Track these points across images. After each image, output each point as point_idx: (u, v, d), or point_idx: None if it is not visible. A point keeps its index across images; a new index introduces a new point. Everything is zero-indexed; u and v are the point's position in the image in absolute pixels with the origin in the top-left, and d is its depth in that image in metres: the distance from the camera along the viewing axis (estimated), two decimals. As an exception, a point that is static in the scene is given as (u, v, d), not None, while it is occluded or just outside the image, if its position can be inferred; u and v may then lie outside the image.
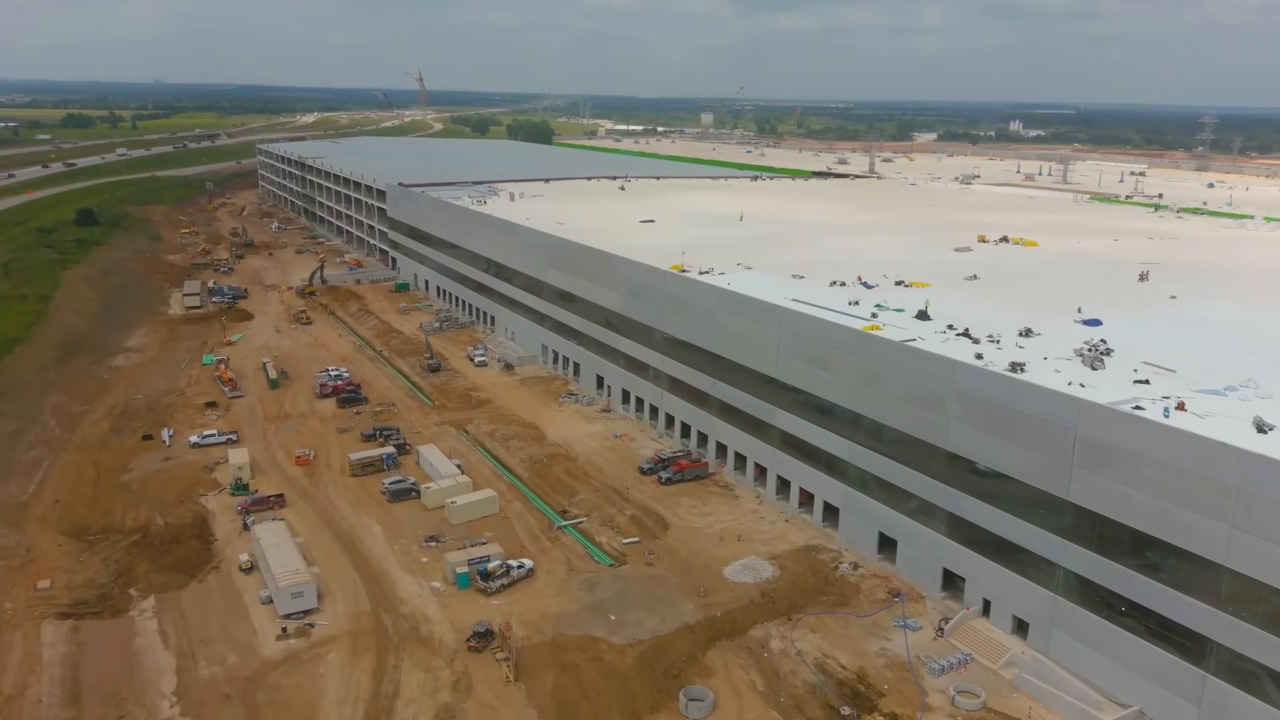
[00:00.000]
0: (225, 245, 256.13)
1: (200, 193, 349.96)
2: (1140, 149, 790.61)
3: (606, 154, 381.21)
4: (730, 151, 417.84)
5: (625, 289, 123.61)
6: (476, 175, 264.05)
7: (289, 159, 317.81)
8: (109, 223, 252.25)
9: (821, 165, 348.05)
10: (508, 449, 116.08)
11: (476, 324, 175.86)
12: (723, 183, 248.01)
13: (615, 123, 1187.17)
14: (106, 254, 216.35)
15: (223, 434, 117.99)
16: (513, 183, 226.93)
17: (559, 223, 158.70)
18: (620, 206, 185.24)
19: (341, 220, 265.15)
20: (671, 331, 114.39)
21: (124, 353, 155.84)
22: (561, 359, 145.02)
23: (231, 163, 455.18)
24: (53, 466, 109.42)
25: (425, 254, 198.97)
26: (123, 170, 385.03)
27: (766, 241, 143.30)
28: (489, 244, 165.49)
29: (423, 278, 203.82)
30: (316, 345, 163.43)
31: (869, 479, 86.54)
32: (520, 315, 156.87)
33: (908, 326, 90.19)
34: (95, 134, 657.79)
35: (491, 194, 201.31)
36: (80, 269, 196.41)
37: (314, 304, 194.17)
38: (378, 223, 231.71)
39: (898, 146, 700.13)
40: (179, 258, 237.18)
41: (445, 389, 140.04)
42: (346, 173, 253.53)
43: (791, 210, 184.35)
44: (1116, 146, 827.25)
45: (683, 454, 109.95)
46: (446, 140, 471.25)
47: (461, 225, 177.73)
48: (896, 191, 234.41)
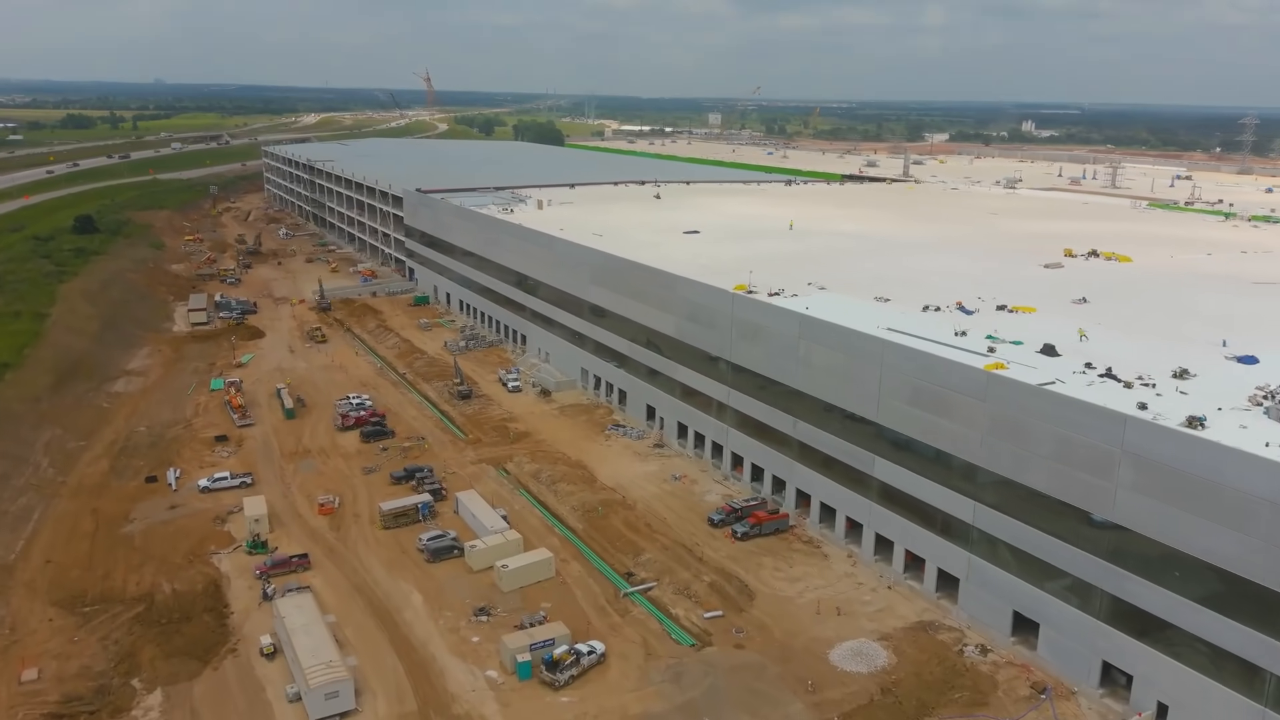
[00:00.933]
0: (232, 253, 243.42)
1: (204, 196, 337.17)
2: (1157, 150, 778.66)
3: (623, 156, 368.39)
4: (750, 154, 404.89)
5: (684, 311, 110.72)
6: (492, 179, 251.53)
7: (296, 162, 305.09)
8: (109, 230, 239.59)
9: (848, 167, 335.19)
10: (556, 493, 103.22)
11: (505, 342, 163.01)
12: (755, 188, 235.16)
13: (621, 123, 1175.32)
14: (106, 264, 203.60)
15: (235, 476, 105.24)
16: (536, 188, 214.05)
17: (596, 234, 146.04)
18: (657, 215, 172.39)
19: (353, 227, 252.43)
20: (741, 361, 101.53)
21: (125, 376, 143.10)
22: (604, 385, 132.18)
23: (236, 165, 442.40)
24: (45, 516, 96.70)
25: (447, 265, 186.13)
26: (123, 173, 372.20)
27: (827, 256, 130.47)
28: (520, 257, 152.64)
29: (443, 290, 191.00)
30: (334, 367, 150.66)
31: (1000, 548, 73.65)
32: (556, 335, 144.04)
33: (1036, 364, 77.35)
34: (96, 135, 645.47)
35: (516, 201, 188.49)
36: (78, 282, 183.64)
37: (328, 319, 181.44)
38: (393, 230, 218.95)
39: (918, 148, 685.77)
40: (183, 267, 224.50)
41: (478, 419, 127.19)
42: (359, 177, 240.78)
43: (839, 219, 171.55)
44: (1132, 147, 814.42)
45: (757, 502, 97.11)
46: (456, 142, 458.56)
47: (488, 236, 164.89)
48: (942, 197, 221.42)
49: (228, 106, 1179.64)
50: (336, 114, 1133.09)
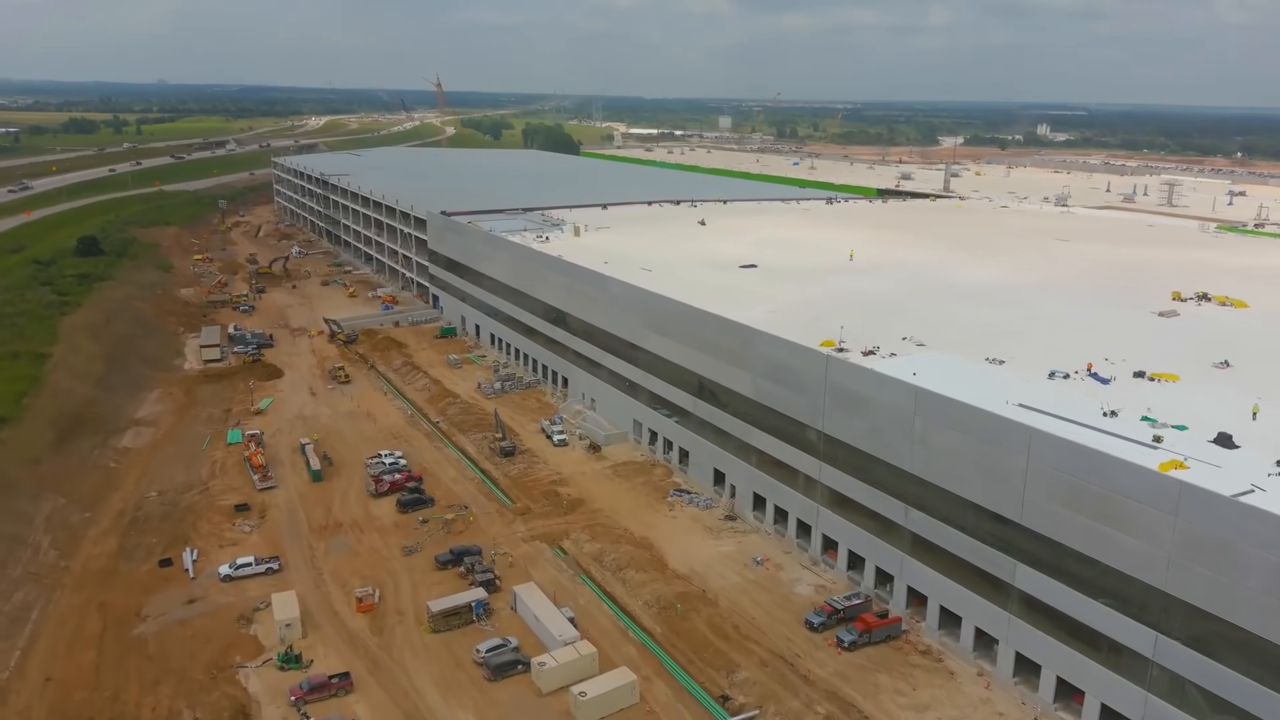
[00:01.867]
0: (243, 275, 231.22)
1: (212, 210, 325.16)
2: (1177, 154, 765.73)
3: (645, 167, 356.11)
4: (775, 164, 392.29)
5: (763, 370, 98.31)
6: (515, 196, 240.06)
7: (309, 175, 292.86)
8: (114, 251, 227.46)
9: (880, 179, 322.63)
10: (624, 583, 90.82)
11: (543, 383, 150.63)
12: (795, 206, 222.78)
13: (628, 125, 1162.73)
14: (111, 292, 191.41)
15: (260, 561, 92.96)
16: (566, 209, 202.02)
17: (645, 269, 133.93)
18: (704, 243, 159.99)
19: (370, 247, 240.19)
20: (837, 434, 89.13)
21: (133, 428, 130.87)
22: (662, 441, 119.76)
23: (244, 174, 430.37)
24: (45, 616, 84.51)
25: (477, 296, 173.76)
26: (128, 184, 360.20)
27: (906, 298, 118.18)
28: (563, 293, 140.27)
29: (472, 321, 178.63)
30: (360, 414, 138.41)
31: (1190, 691, 61.23)
32: (604, 381, 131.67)
33: (1216, 459, 65.08)
34: (100, 140, 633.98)
35: (550, 226, 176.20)
36: (82, 314, 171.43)
37: (350, 354, 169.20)
38: (415, 254, 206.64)
39: (937, 153, 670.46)
40: (193, 292, 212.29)
41: (525, 482, 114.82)
42: (377, 195, 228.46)
43: (897, 245, 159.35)
44: (1152, 152, 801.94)
45: (861, 600, 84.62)
46: (470, 152, 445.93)
47: (526, 268, 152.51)
48: (995, 218, 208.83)
49: (232, 109, 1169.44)
50: (341, 116, 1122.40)
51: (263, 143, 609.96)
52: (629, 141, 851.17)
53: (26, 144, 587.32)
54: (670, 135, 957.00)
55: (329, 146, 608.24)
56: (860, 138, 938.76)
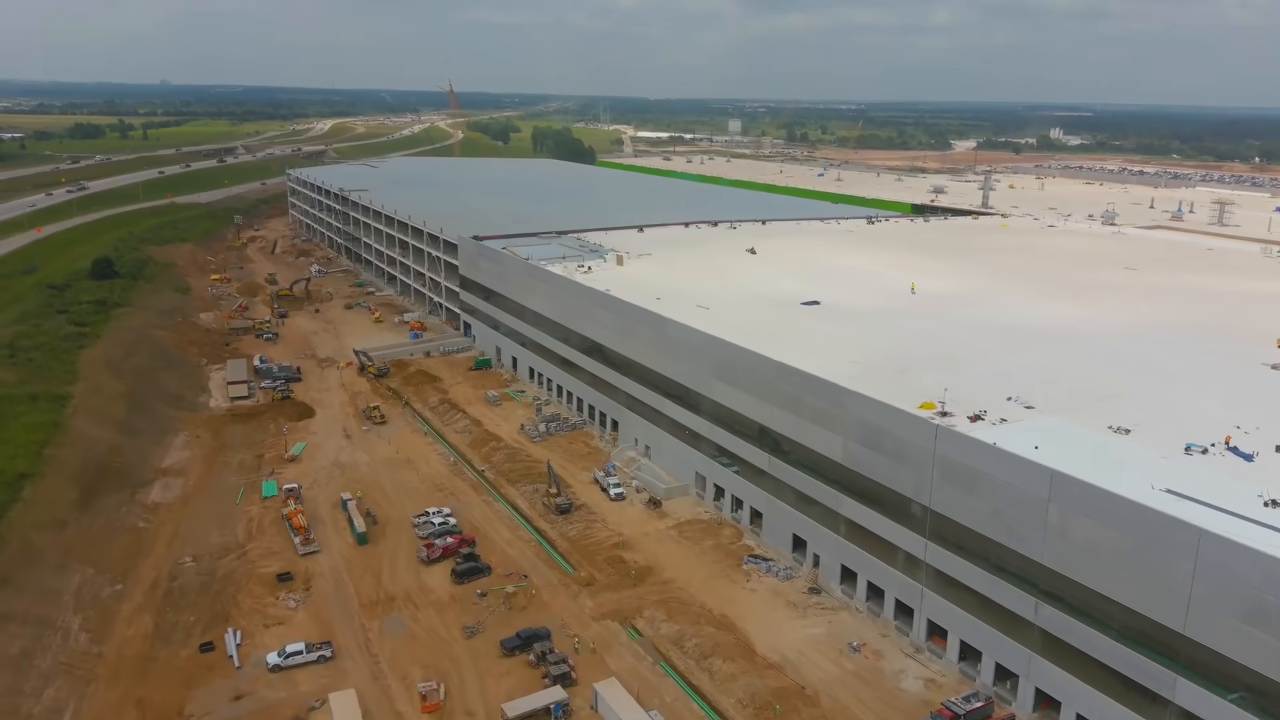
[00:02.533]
0: (264, 297, 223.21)
1: (227, 225, 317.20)
2: (1194, 160, 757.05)
3: (669, 180, 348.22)
4: (799, 174, 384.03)
5: (857, 434, 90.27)
6: (540, 211, 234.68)
7: (326, 190, 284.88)
8: (129, 273, 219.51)
9: (908, 190, 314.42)
10: (710, 674, 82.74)
11: (589, 424, 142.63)
12: (837, 227, 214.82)
13: (636, 128, 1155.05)
14: (130, 320, 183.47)
15: (312, 647, 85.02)
16: (601, 232, 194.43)
17: (703, 307, 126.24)
18: (757, 274, 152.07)
19: (393, 267, 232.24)
20: (949, 512, 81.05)
21: (161, 479, 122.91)
22: (730, 499, 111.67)
23: (255, 184, 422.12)
24: (80, 717, 76.49)
25: (514, 328, 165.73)
26: (139, 196, 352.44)
27: (988, 343, 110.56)
28: (615, 333, 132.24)
29: (508, 353, 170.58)
30: (400, 461, 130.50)
31: None
32: (662, 429, 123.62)
33: None
34: (105, 146, 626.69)
35: (589, 252, 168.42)
36: (100, 347, 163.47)
37: (382, 388, 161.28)
38: (444, 279, 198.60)
39: (949, 157, 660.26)
40: (213, 317, 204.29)
41: (585, 544, 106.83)
42: (402, 215, 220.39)
43: (954, 274, 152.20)
44: (1167, 156, 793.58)
45: (983, 703, 76.45)
46: (486, 162, 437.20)
47: (572, 303, 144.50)
48: (1050, 241, 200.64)
49: (237, 112, 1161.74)
50: (347, 119, 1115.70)
51: (271, 150, 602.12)
52: (638, 146, 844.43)
53: (32, 150, 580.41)
54: (680, 139, 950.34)
55: (338, 153, 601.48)
56: (871, 141, 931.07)
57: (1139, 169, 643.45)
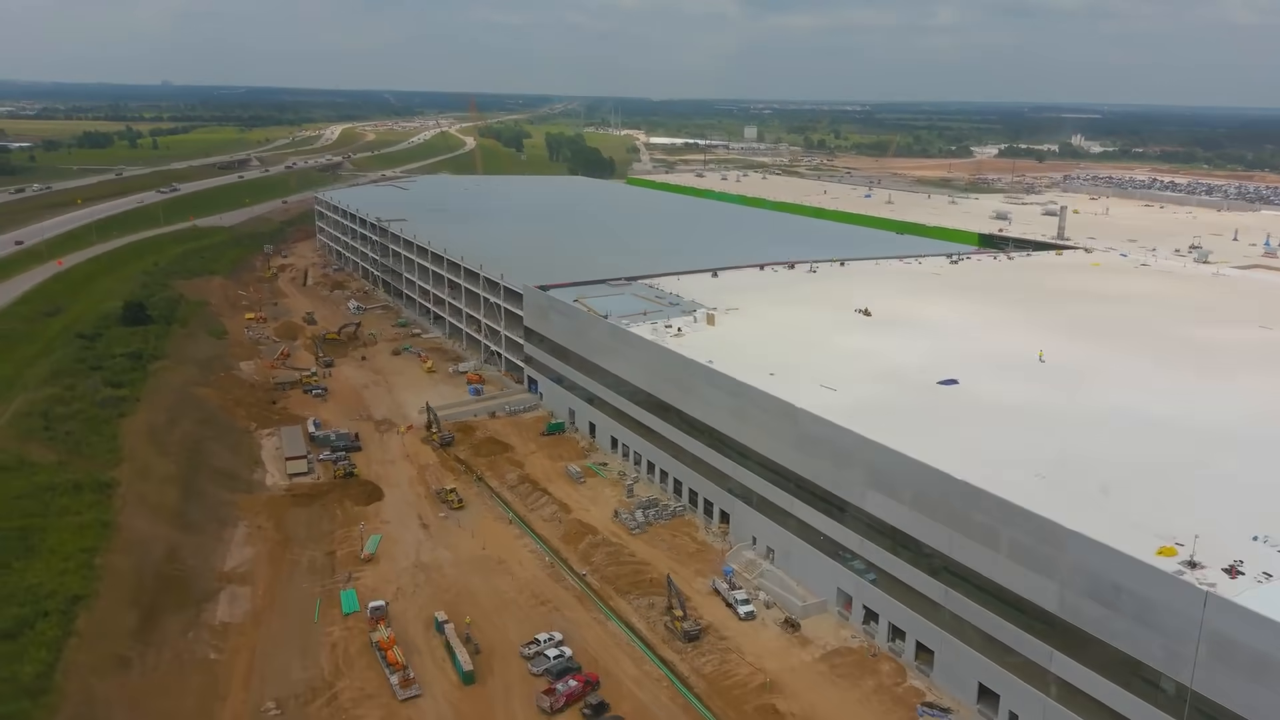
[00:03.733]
0: (304, 341, 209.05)
1: (254, 253, 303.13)
2: (1223, 169, 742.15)
3: (712, 202, 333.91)
4: (844, 194, 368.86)
5: (1081, 584, 75.94)
6: (586, 242, 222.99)
7: (361, 219, 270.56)
8: (162, 316, 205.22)
9: (967, 215, 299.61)
10: None
11: (690, 510, 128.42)
12: (919, 267, 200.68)
13: (647, 133, 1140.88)
14: (169, 376, 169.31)
15: None
16: (672, 277, 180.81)
17: (828, 387, 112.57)
18: (870, 336, 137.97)
19: (440, 307, 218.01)
20: (1222, 700, 66.83)
21: (226, 588, 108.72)
22: (887, 626, 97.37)
23: (277, 203, 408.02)
24: None
25: (592, 391, 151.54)
26: (160, 218, 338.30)
27: (1171, 446, 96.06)
28: (729, 416, 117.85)
29: (584, 417, 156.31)
30: (490, 561, 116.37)
31: None
32: (790, 531, 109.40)
33: None
34: (115, 156, 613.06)
35: (672, 306, 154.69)
36: (141, 414, 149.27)
37: (449, 459, 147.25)
38: (503, 327, 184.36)
39: (971, 165, 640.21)
40: (254, 366, 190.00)
41: (725, 685, 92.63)
42: (454, 255, 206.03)
43: (1079, 338, 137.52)
44: (1194, 166, 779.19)
45: None
46: (516, 181, 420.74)
47: (667, 373, 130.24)
48: (1156, 286, 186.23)
49: (243, 117, 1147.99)
50: (356, 125, 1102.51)
51: (286, 163, 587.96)
52: (654, 154, 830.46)
53: (42, 161, 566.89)
54: (694, 145, 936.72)
55: (355, 165, 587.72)
56: (895, 149, 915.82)
57: (1169, 179, 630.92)
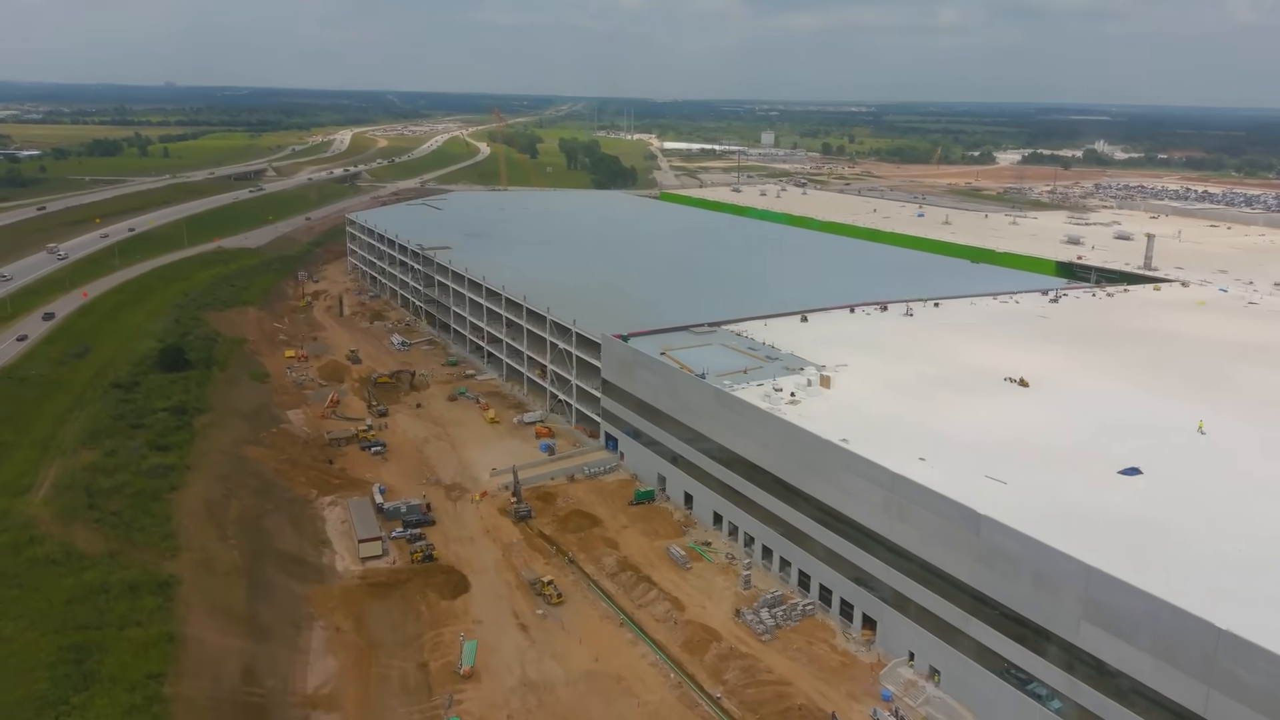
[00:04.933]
0: (352, 384, 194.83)
1: (285, 278, 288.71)
2: (1256, 178, 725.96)
3: (762, 223, 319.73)
4: (896, 213, 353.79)
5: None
6: (638, 268, 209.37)
7: (401, 245, 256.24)
8: (200, 360, 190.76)
9: (1032, 238, 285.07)
10: None
11: (823, 610, 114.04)
12: (1016, 307, 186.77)
13: (659, 137, 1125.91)
14: (217, 435, 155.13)
15: None
16: (758, 321, 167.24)
17: (996, 479, 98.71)
18: (1005, 402, 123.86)
19: (497, 347, 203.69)
20: None
21: (311, 714, 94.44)
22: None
23: (300, 219, 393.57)
24: None
25: (690, 459, 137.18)
26: (183, 239, 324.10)
27: None
28: (880, 511, 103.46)
29: (678, 485, 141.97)
30: (607, 677, 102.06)
31: None
32: (963, 652, 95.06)
33: None
34: (126, 165, 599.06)
35: (773, 361, 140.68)
36: (194, 484, 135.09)
37: (532, 534, 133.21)
38: (575, 376, 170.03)
39: (992, 172, 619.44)
40: (303, 417, 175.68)
41: None
42: (516, 295, 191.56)
43: (1221, 404, 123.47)
44: (1223, 173, 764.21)
45: None
46: (550, 196, 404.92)
47: (792, 452, 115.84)
48: (1270, 329, 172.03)
49: (251, 121, 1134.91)
50: (365, 129, 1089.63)
51: (303, 174, 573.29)
52: (671, 160, 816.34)
53: (52, 171, 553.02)
54: (710, 152, 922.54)
55: (373, 176, 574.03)
56: (910, 154, 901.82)
57: (1201, 188, 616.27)
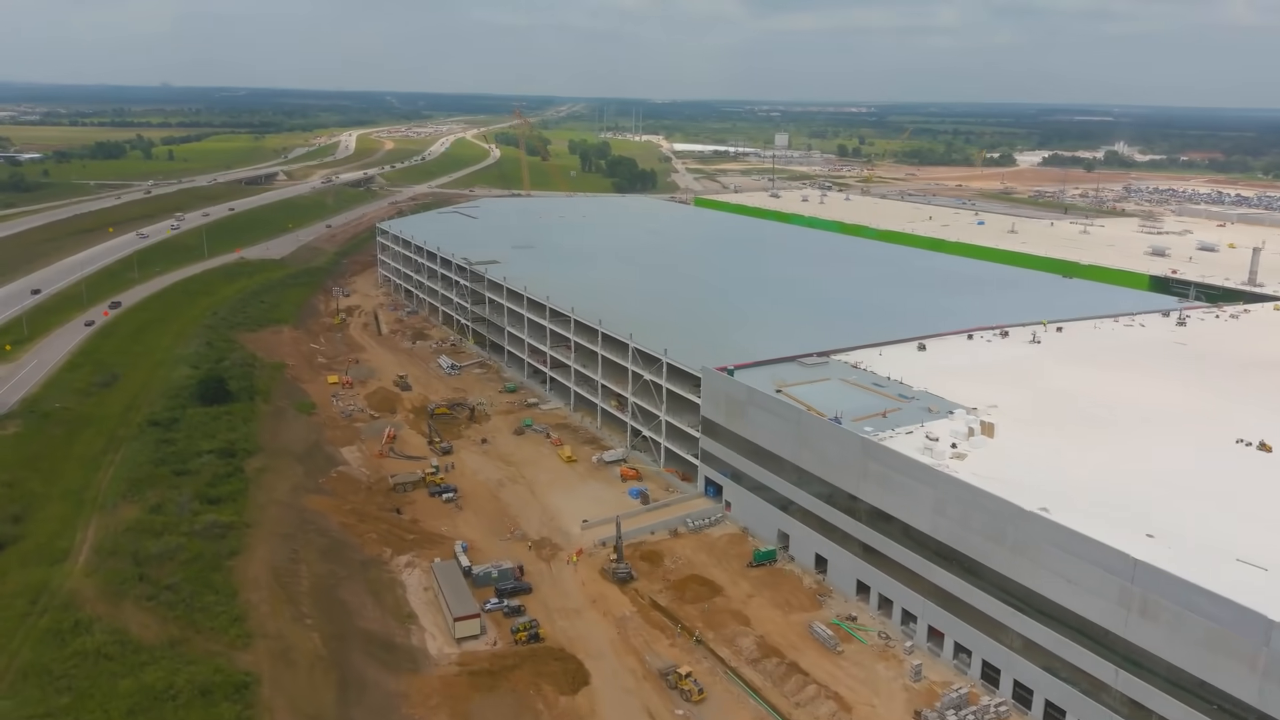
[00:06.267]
0: (405, 414, 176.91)
1: (314, 293, 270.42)
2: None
3: (815, 231, 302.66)
4: (954, 220, 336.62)
5: None
6: (704, 283, 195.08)
7: (444, 259, 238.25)
8: (242, 390, 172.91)
9: (1107, 246, 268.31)
10: None
11: (1021, 712, 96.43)
12: (1142, 330, 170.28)
13: (667, 139, 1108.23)
14: (273, 485, 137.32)
15: None
16: (870, 349, 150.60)
17: (1251, 564, 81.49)
18: (1189, 457, 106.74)
19: (561, 373, 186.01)
20: None
21: None
22: None
23: (321, 226, 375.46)
24: None
25: (824, 517, 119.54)
26: (204, 251, 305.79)
27: None
28: (1115, 608, 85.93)
29: (807, 546, 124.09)
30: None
31: None
32: (1229, 780, 77.65)
33: None
34: (130, 168, 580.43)
35: (897, 396, 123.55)
36: (258, 552, 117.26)
37: (643, 601, 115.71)
38: (665, 411, 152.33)
39: (1014, 174, 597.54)
40: (358, 455, 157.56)
41: None
42: (589, 319, 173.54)
43: None
44: (1247, 176, 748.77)
45: None
46: (581, 202, 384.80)
47: (972, 519, 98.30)
48: None
49: (253, 122, 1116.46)
50: (369, 131, 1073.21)
51: (313, 179, 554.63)
52: (685, 162, 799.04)
53: (55, 175, 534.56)
54: (725, 154, 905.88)
55: (387, 179, 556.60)
56: (929, 156, 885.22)
57: (1234, 191, 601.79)
